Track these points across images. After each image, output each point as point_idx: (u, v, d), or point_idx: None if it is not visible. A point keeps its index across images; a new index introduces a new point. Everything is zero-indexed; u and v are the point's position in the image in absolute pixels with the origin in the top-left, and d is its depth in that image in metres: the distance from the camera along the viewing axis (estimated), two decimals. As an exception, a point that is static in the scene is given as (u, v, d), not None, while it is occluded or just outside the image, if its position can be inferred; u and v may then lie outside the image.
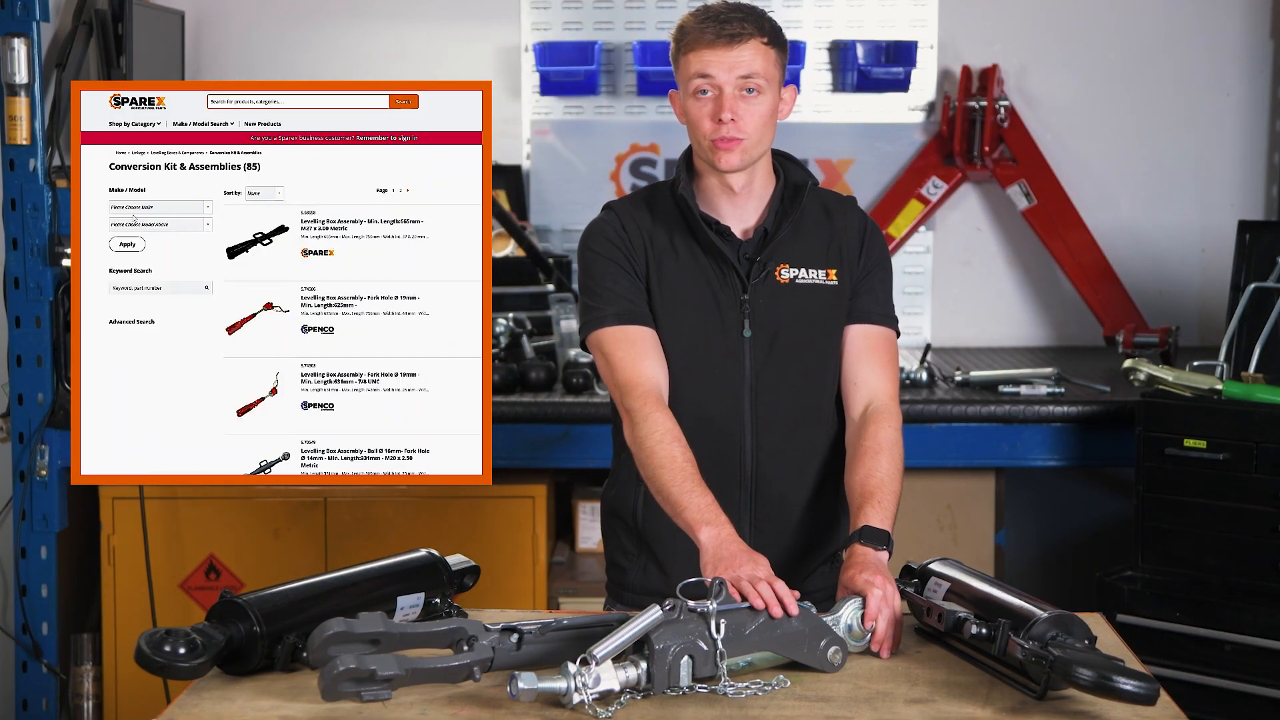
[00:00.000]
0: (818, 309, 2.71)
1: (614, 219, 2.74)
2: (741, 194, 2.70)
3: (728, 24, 2.61)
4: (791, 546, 2.72)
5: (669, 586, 2.61)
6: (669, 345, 2.68)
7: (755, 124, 2.62)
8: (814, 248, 2.73)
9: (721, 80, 2.61)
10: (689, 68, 2.63)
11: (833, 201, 2.79)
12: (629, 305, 2.67)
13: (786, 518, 2.72)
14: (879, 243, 2.79)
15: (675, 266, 2.70)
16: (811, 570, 2.74)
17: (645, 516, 2.72)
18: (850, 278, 2.74)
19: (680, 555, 2.63)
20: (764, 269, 2.69)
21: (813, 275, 2.71)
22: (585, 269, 2.72)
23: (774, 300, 2.70)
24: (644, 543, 2.74)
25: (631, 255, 2.70)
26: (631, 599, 2.75)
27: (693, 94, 2.64)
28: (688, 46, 2.63)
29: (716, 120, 2.61)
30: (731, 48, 2.60)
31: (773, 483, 2.70)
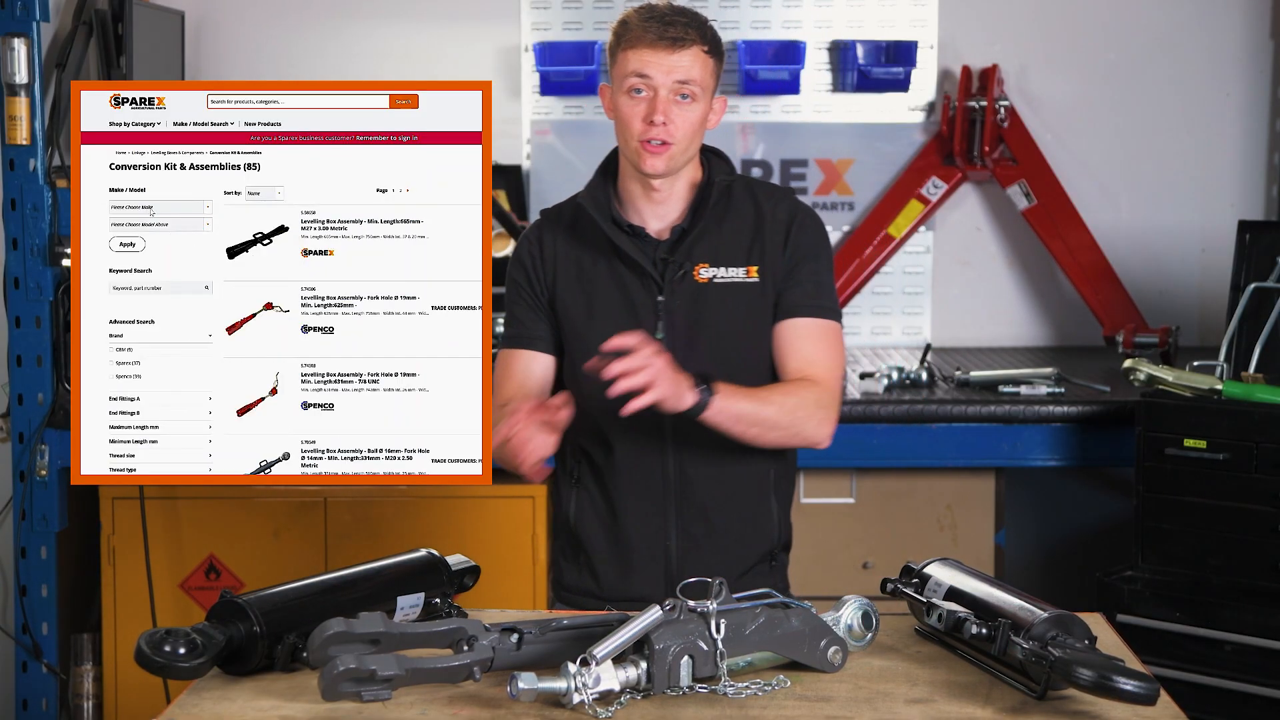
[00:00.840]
0: (737, 307, 2.71)
1: (535, 230, 2.83)
2: (662, 193, 2.71)
3: (671, 26, 2.62)
4: (723, 549, 2.74)
5: (599, 589, 2.70)
6: (587, 351, 2.67)
7: (685, 130, 2.64)
8: (736, 245, 2.72)
9: (658, 82, 2.63)
10: (627, 64, 2.65)
11: (764, 195, 2.77)
12: (517, 329, 2.80)
13: (713, 521, 2.74)
14: (809, 233, 2.74)
15: (590, 272, 2.74)
16: (748, 570, 2.76)
17: (578, 519, 2.79)
18: (773, 274, 2.71)
19: (607, 559, 2.75)
20: (680, 269, 2.70)
21: (732, 274, 2.71)
22: (506, 284, 2.85)
23: (692, 301, 2.70)
24: (579, 546, 2.80)
25: (537, 272, 2.78)
26: (568, 598, 2.82)
27: (626, 91, 2.65)
28: (629, 43, 2.64)
29: (648, 121, 2.62)
30: (673, 51, 2.62)
31: (696, 485, 2.72)
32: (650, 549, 2.74)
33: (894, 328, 5.01)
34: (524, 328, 2.80)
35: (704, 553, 2.74)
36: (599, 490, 2.76)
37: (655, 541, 2.74)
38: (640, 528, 2.74)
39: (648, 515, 2.73)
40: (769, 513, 2.78)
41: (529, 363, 2.80)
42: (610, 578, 2.76)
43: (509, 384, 2.78)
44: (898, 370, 4.23)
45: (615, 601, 2.71)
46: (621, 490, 2.72)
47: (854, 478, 4.22)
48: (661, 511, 2.73)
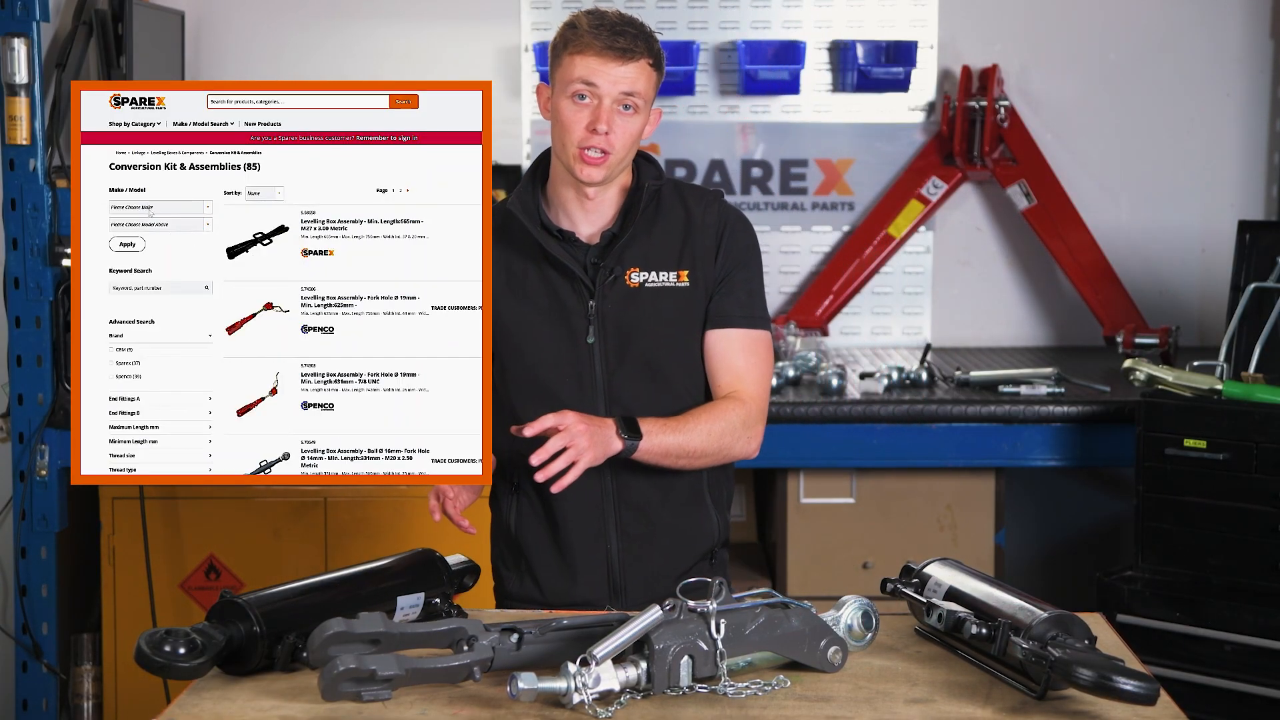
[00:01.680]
0: (668, 312, 2.72)
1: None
2: (595, 199, 2.72)
3: (621, 37, 2.63)
4: (663, 550, 2.75)
5: (542, 595, 2.71)
6: (520, 356, 2.72)
7: (625, 140, 2.66)
8: (666, 249, 2.73)
9: (604, 91, 2.64)
10: (573, 70, 2.65)
11: (693, 197, 2.78)
12: None
13: (652, 523, 2.75)
14: (740, 240, 2.76)
15: (522, 280, 2.74)
16: (689, 569, 2.76)
17: (519, 526, 2.78)
18: (706, 278, 2.73)
19: (549, 564, 2.75)
20: (611, 273, 2.71)
21: (663, 278, 2.72)
22: None
23: (624, 305, 2.71)
24: (520, 553, 2.79)
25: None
26: (513, 606, 2.81)
27: (570, 96, 2.65)
28: (577, 49, 2.65)
29: (591, 129, 2.63)
30: (621, 62, 2.63)
31: (634, 489, 2.73)
32: (592, 553, 2.74)
33: (894, 328, 5.01)
34: None
35: (645, 554, 2.74)
36: (539, 497, 2.75)
37: (596, 545, 2.74)
38: (581, 532, 2.74)
39: (588, 520, 2.73)
40: (706, 511, 2.79)
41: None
42: (553, 583, 2.75)
43: None
44: (898, 370, 4.23)
45: (561, 607, 2.70)
46: (561, 496, 2.69)
47: (854, 478, 4.22)
48: (601, 515, 2.73)
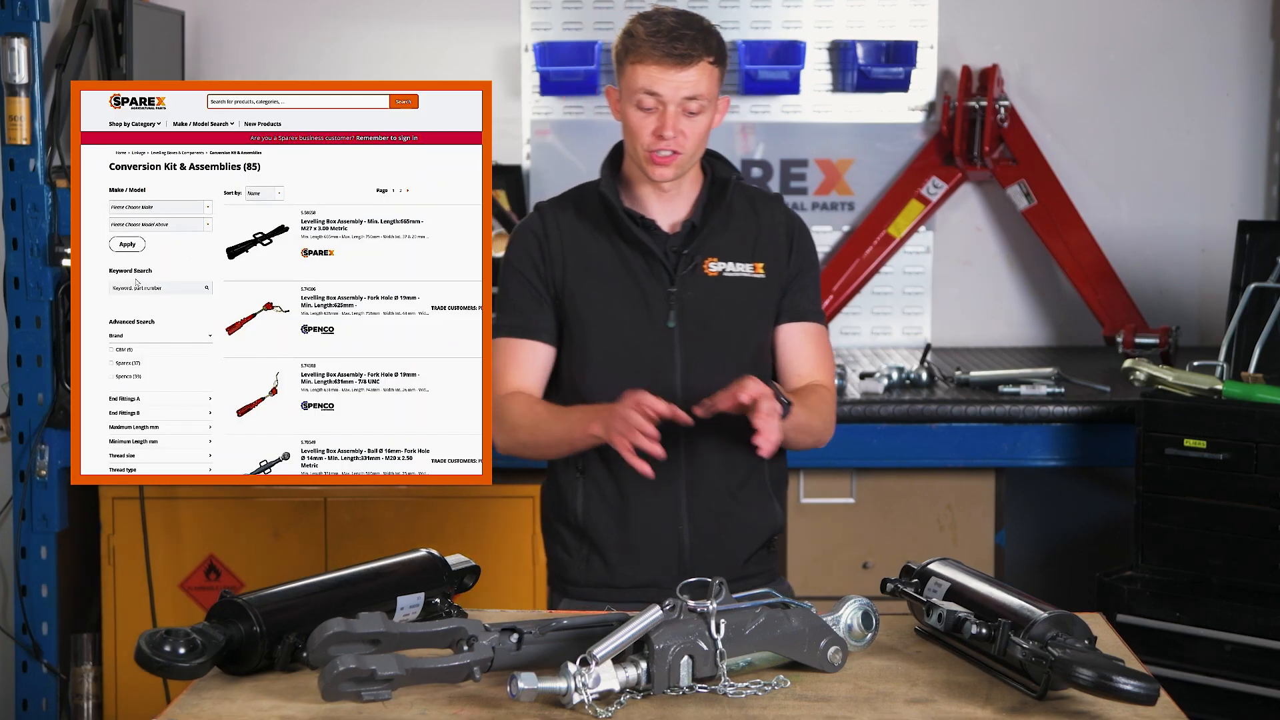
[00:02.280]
0: (745, 301, 2.79)
1: (537, 222, 2.84)
2: (670, 192, 2.77)
3: (678, 42, 2.65)
4: (731, 536, 2.81)
5: (611, 578, 2.73)
6: (598, 340, 2.77)
7: (693, 141, 2.71)
8: (741, 242, 2.80)
9: (667, 98, 2.69)
10: (635, 79, 2.69)
11: (759, 198, 2.87)
12: (520, 319, 2.81)
13: (721, 506, 2.79)
14: (808, 242, 2.87)
15: (601, 263, 2.78)
16: (752, 554, 2.83)
17: (586, 512, 2.80)
18: (779, 274, 2.81)
19: (618, 548, 2.78)
20: (692, 262, 2.76)
21: (740, 268, 2.79)
22: (501, 272, 2.85)
23: (703, 292, 2.77)
24: (585, 536, 2.81)
25: (545, 263, 2.80)
26: (576, 592, 2.84)
27: (635, 105, 2.70)
28: (636, 58, 2.68)
29: (659, 135, 2.68)
30: (681, 68, 2.67)
31: (707, 470, 2.77)
32: (662, 537, 2.77)
33: (894, 328, 5.01)
34: (526, 318, 2.82)
35: (714, 540, 2.79)
36: (609, 480, 2.78)
37: (668, 530, 2.77)
38: (653, 516, 2.77)
39: (661, 502, 2.77)
40: (769, 499, 2.85)
41: (533, 354, 2.82)
42: (623, 566, 2.78)
43: (513, 374, 2.81)
44: (898, 370, 4.23)
45: (627, 589, 2.75)
46: (633, 479, 2.72)
47: (854, 478, 4.22)
48: (674, 498, 2.77)
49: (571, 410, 2.74)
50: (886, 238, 4.90)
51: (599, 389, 2.73)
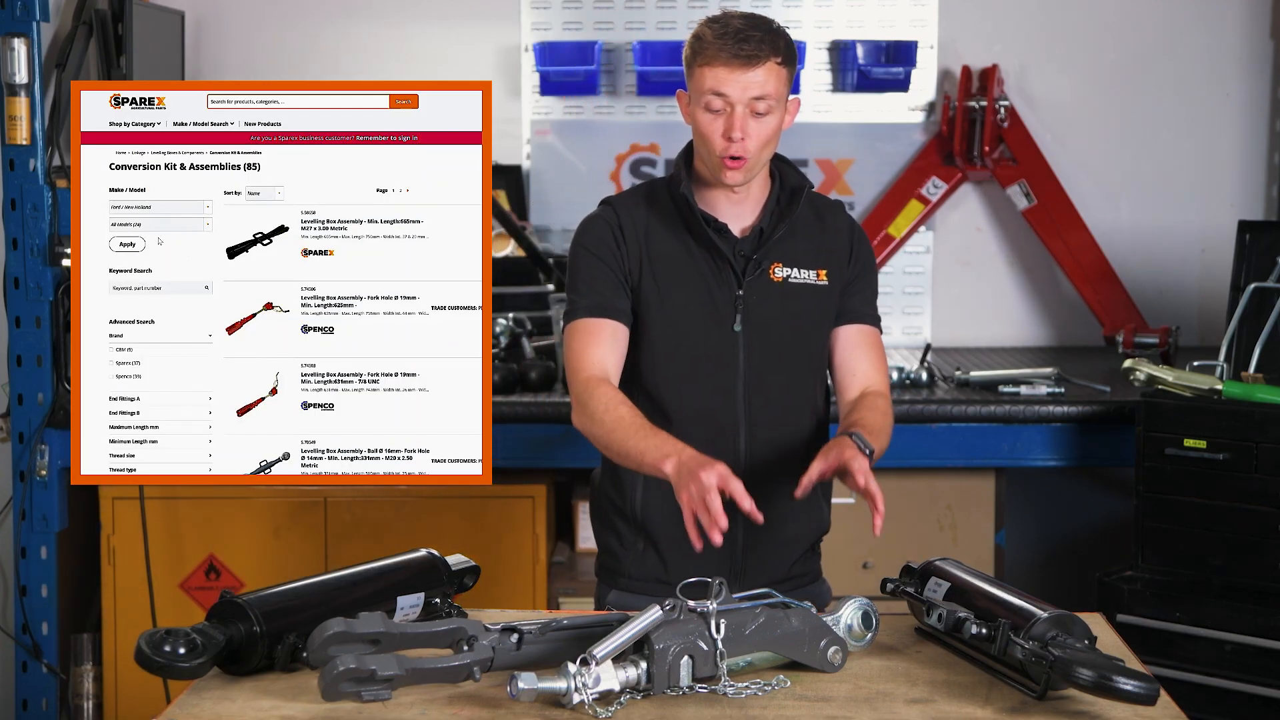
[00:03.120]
0: (808, 307, 2.80)
1: (610, 213, 2.80)
2: (740, 196, 2.77)
3: (745, 43, 2.65)
4: (783, 537, 2.81)
5: (666, 572, 2.72)
6: (665, 338, 2.76)
7: (761, 142, 2.70)
8: (806, 249, 2.81)
9: (735, 99, 2.68)
10: (704, 82, 2.69)
11: (824, 206, 2.89)
12: (600, 299, 2.72)
13: (776, 506, 2.77)
14: (867, 248, 2.90)
15: (671, 261, 2.77)
16: (800, 556, 2.85)
17: (644, 504, 2.79)
18: (839, 280, 2.84)
19: (678, 540, 2.69)
20: (759, 267, 2.77)
21: (805, 275, 2.80)
22: (572, 263, 2.79)
23: (767, 297, 2.77)
24: (642, 530, 2.80)
25: (621, 250, 2.76)
26: (626, 584, 2.83)
27: (704, 107, 2.70)
28: (704, 60, 2.68)
29: (727, 138, 2.68)
30: (748, 69, 2.66)
31: (765, 471, 2.77)
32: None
33: (894, 328, 5.01)
34: (607, 299, 2.73)
35: (766, 541, 2.79)
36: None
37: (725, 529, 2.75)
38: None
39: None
40: (819, 503, 2.86)
41: (614, 334, 2.74)
42: (678, 562, 2.76)
43: (598, 348, 2.71)
44: (898, 370, 4.23)
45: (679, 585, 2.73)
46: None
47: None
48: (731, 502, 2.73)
49: (653, 434, 2.62)
50: (886, 238, 4.90)
51: (661, 385, 2.73)
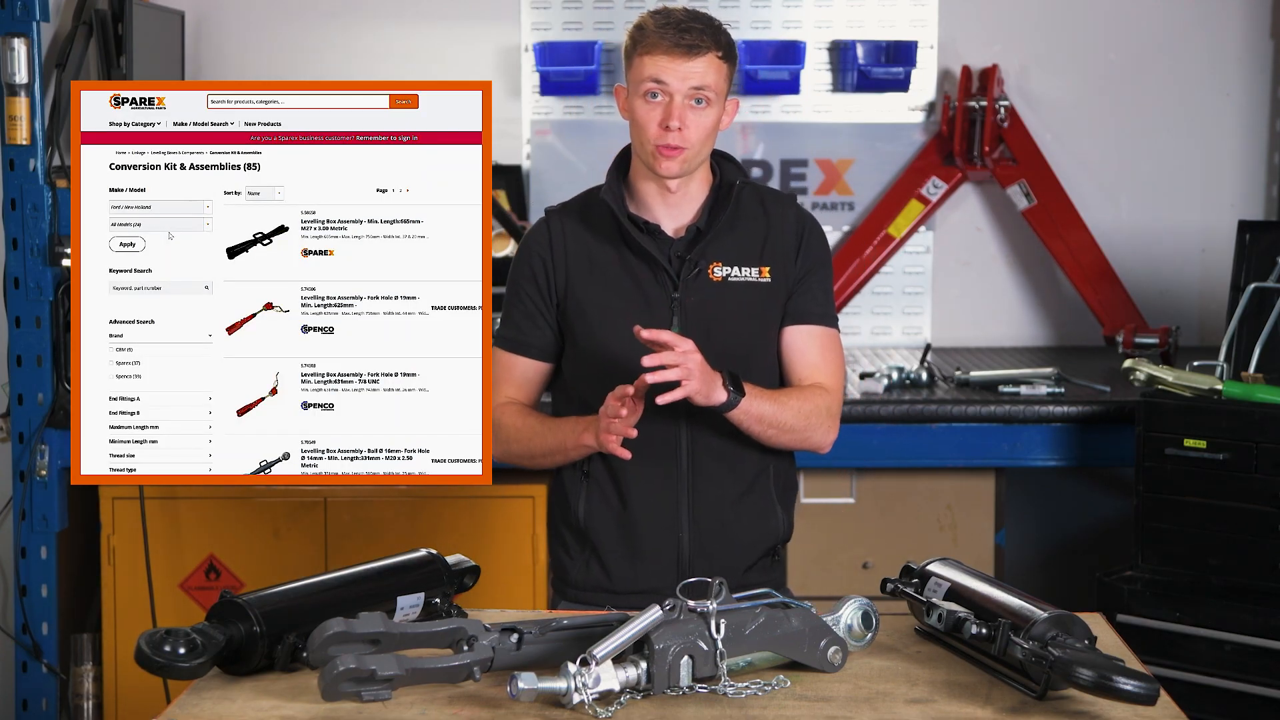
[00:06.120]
0: (750, 306, 2.78)
1: (543, 228, 2.86)
2: (677, 194, 2.78)
3: (687, 34, 2.67)
4: (732, 544, 2.80)
5: (609, 582, 2.75)
6: (601, 347, 2.77)
7: (699, 134, 2.70)
8: (748, 246, 2.79)
9: (674, 88, 2.69)
10: (643, 70, 2.70)
11: (770, 198, 2.85)
12: (516, 333, 2.84)
13: (723, 513, 2.80)
14: (817, 242, 2.84)
15: (604, 269, 2.78)
16: (753, 564, 2.82)
17: (587, 515, 2.82)
18: (786, 276, 2.80)
19: (618, 552, 2.79)
20: (695, 267, 2.76)
21: (745, 273, 2.78)
22: (508, 280, 2.89)
23: (706, 298, 2.76)
24: (587, 541, 2.82)
25: (547, 271, 2.81)
26: (574, 594, 2.85)
27: (642, 95, 2.71)
28: (645, 49, 2.70)
29: (664, 127, 2.68)
30: (689, 59, 2.68)
31: (709, 479, 2.78)
32: (662, 542, 2.78)
33: (894, 328, 5.01)
34: (521, 333, 2.85)
35: (715, 546, 2.79)
36: (611, 484, 2.79)
37: (668, 534, 2.77)
38: (653, 522, 2.78)
39: (661, 508, 2.77)
40: (774, 508, 2.83)
41: (525, 369, 2.87)
42: (621, 571, 2.78)
43: (506, 386, 2.85)
44: (898, 370, 4.23)
45: (625, 594, 2.76)
46: (635, 484, 2.75)
47: (854, 478, 4.22)
48: (675, 504, 2.77)
49: (564, 421, 2.76)
50: (886, 238, 4.90)
51: (602, 395, 2.72)
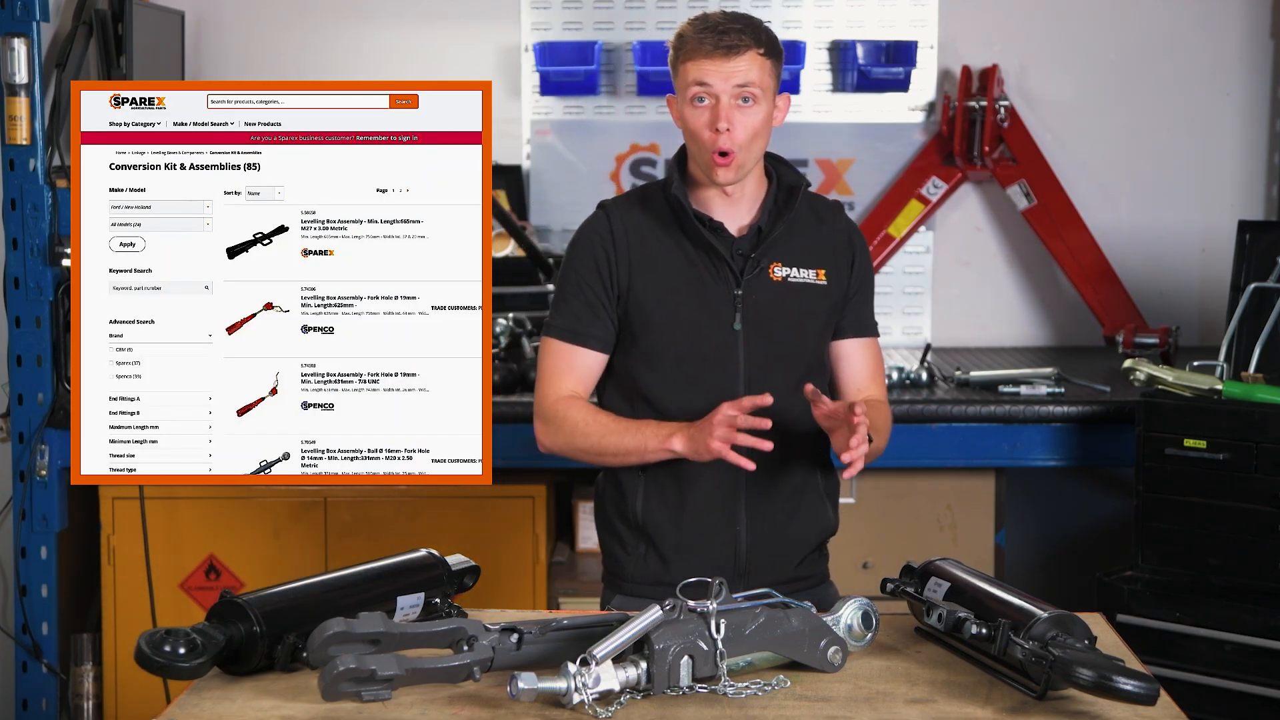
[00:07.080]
0: (807, 307, 2.81)
1: (602, 219, 2.82)
2: (734, 195, 2.78)
3: (725, 35, 2.68)
4: (784, 534, 2.82)
5: (668, 574, 2.72)
6: (662, 339, 2.77)
7: (747, 133, 2.71)
8: (805, 248, 2.82)
9: (718, 89, 2.69)
10: (687, 76, 2.71)
11: (821, 206, 2.89)
12: (576, 324, 2.77)
13: (779, 506, 2.82)
14: (866, 256, 2.92)
15: (666, 263, 2.78)
16: (803, 558, 2.84)
17: (645, 508, 2.80)
18: (840, 283, 2.84)
19: (677, 543, 2.78)
20: (758, 266, 2.77)
21: (804, 275, 2.81)
22: (562, 271, 2.83)
23: (767, 296, 2.78)
24: (643, 534, 2.81)
25: (609, 262, 2.77)
26: (630, 589, 2.84)
27: (690, 101, 2.72)
28: (686, 55, 2.72)
29: (714, 129, 2.69)
30: (729, 58, 2.68)
31: (767, 475, 2.78)
32: (720, 536, 2.78)
33: (894, 328, 5.01)
34: (581, 323, 2.77)
35: (771, 542, 2.80)
36: (669, 479, 2.77)
37: (726, 532, 2.78)
38: (712, 519, 2.78)
39: (720, 506, 2.77)
40: (824, 505, 2.87)
41: (585, 361, 2.79)
42: (679, 564, 2.77)
43: (566, 378, 2.78)
44: (898, 370, 4.23)
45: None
46: (694, 482, 2.75)
47: (854, 477, 4.22)
48: (733, 503, 2.77)
49: (644, 424, 2.71)
50: (886, 238, 4.90)
51: (663, 388, 2.74)
